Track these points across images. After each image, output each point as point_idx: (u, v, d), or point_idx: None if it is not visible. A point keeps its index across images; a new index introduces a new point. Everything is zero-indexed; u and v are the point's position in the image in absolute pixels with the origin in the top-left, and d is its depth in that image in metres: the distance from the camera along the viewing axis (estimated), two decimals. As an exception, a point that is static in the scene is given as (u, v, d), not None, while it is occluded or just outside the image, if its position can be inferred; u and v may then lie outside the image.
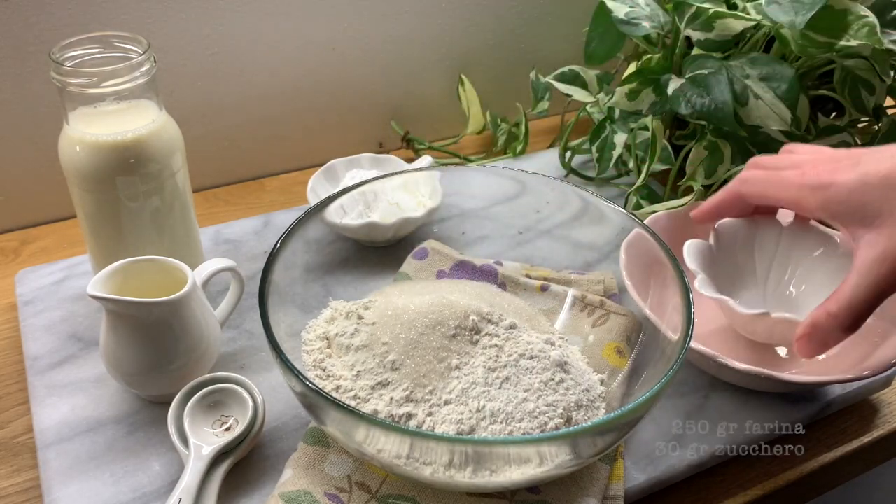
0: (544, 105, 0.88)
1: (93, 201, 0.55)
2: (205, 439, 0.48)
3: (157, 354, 0.50)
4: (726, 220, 0.61)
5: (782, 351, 0.59)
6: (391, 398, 0.46)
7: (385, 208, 0.63)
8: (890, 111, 0.72)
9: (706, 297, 0.55)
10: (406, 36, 0.86)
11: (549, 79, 0.84)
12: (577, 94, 0.83)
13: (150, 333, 0.50)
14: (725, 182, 0.74)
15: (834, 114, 0.78)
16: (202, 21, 0.74)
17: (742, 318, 0.55)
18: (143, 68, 0.53)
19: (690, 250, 0.58)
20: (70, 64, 0.52)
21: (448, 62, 0.90)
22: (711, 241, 0.60)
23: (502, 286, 0.61)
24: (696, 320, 0.47)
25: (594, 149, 0.78)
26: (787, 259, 0.61)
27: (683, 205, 0.66)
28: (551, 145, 0.91)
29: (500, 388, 0.46)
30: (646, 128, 0.70)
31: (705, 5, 0.67)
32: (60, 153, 0.54)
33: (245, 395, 0.50)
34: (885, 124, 0.71)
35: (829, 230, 0.60)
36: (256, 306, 0.46)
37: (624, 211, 0.55)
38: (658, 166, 0.75)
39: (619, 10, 0.71)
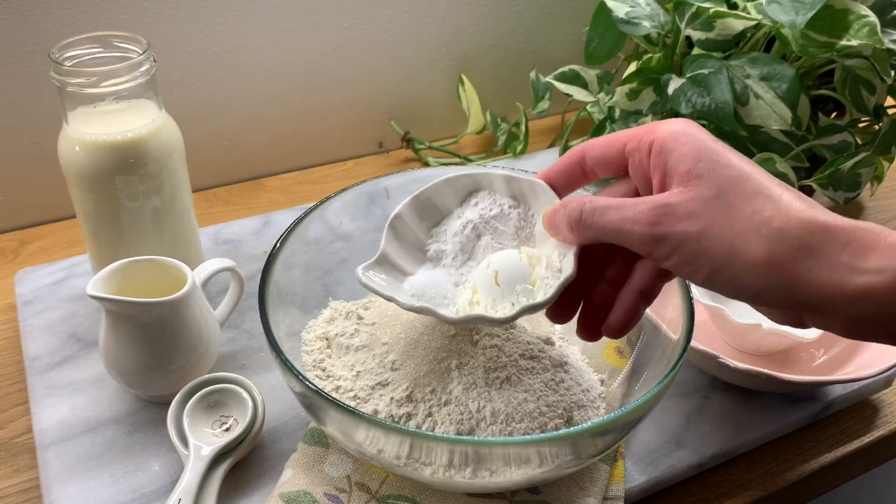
0: (544, 105, 0.88)
1: (92, 201, 0.55)
2: (204, 439, 0.48)
3: (156, 354, 0.50)
4: None
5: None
6: (391, 398, 0.46)
7: (481, 273, 0.43)
8: (890, 111, 0.72)
9: (701, 303, 0.55)
10: (406, 36, 0.86)
11: (549, 78, 0.84)
12: (578, 93, 0.83)
13: (150, 333, 0.50)
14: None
15: (835, 113, 0.78)
16: (202, 21, 0.74)
17: (734, 327, 0.55)
18: (143, 68, 0.53)
19: None
20: (70, 64, 0.52)
21: (448, 62, 0.90)
22: None
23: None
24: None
25: (594, 149, 0.78)
26: None
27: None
28: (551, 145, 0.91)
29: (499, 388, 0.46)
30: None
31: (706, 5, 0.67)
32: (60, 153, 0.54)
33: (245, 395, 0.50)
34: (885, 124, 0.70)
35: None
36: (256, 306, 0.46)
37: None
38: (658, 166, 0.75)
39: (620, 10, 0.71)
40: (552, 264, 0.41)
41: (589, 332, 0.41)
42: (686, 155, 0.34)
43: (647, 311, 0.52)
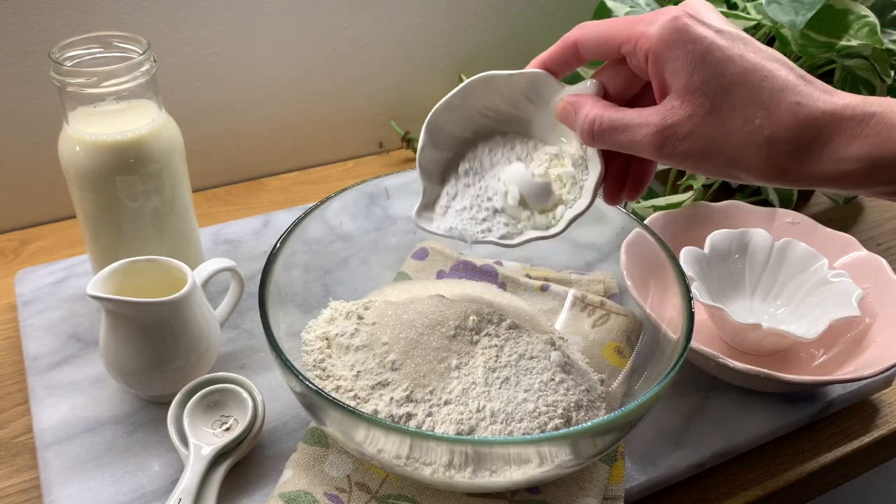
0: (544, 105, 0.88)
1: (93, 201, 0.55)
2: (205, 439, 0.48)
3: (156, 354, 0.50)
4: (721, 231, 0.62)
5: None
6: (391, 398, 0.46)
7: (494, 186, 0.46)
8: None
9: (700, 303, 0.55)
10: (406, 36, 0.86)
11: (549, 79, 0.84)
12: (578, 93, 0.83)
13: (150, 333, 0.50)
14: (725, 182, 0.74)
15: (834, 114, 0.78)
16: (202, 21, 0.74)
17: (734, 327, 0.55)
18: (143, 68, 0.53)
19: (686, 257, 0.59)
20: (70, 64, 0.52)
21: (448, 62, 0.90)
22: (706, 249, 0.61)
23: (502, 286, 0.61)
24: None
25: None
26: (776, 274, 0.62)
27: (682, 202, 0.66)
28: (551, 145, 0.91)
29: (500, 388, 0.46)
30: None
31: (705, 5, 0.67)
32: (60, 153, 0.54)
33: (245, 395, 0.50)
34: (885, 124, 0.70)
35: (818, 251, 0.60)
36: (256, 306, 0.46)
37: (624, 211, 0.55)
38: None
39: (620, 10, 0.71)
40: (576, 159, 0.44)
41: (612, 196, 0.45)
42: (680, 69, 0.36)
43: (647, 310, 0.52)
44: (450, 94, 0.46)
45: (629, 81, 0.41)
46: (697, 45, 0.36)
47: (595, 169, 0.43)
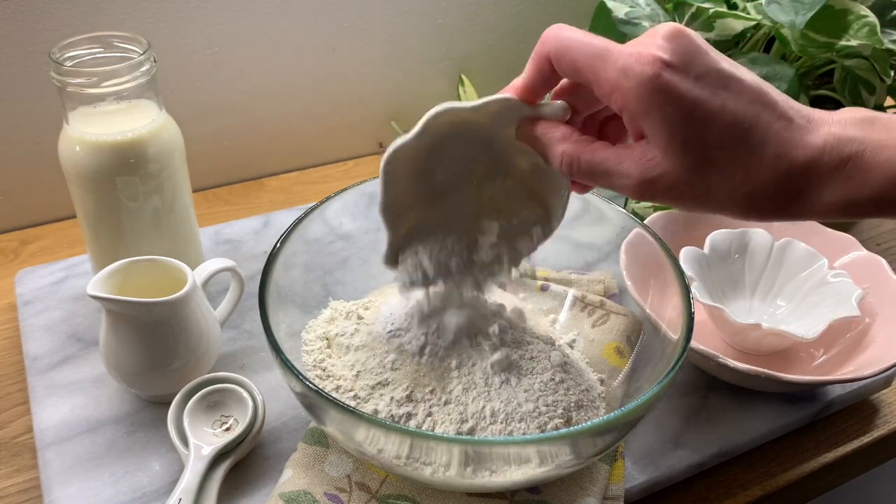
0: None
1: (93, 201, 0.55)
2: (205, 439, 0.48)
3: (157, 354, 0.50)
4: (721, 231, 0.62)
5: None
6: (391, 398, 0.46)
7: None
8: (890, 111, 0.72)
9: (700, 303, 0.55)
10: (406, 36, 0.86)
11: (549, 79, 0.84)
12: (578, 93, 0.83)
13: (150, 333, 0.50)
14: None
15: (834, 114, 0.78)
16: (202, 21, 0.74)
17: (734, 327, 0.55)
18: (143, 68, 0.53)
19: (686, 257, 0.59)
20: (70, 64, 0.52)
21: (448, 62, 0.90)
22: (706, 249, 0.61)
23: (502, 286, 0.60)
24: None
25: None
26: (776, 274, 0.62)
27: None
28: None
29: (499, 388, 0.46)
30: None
31: (705, 5, 0.67)
32: (60, 153, 0.54)
33: (245, 395, 0.50)
34: (885, 124, 0.70)
35: (818, 252, 0.60)
36: (256, 306, 0.46)
37: (624, 211, 0.55)
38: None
39: (620, 10, 0.71)
40: (528, 176, 0.44)
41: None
42: (659, 130, 0.35)
43: (647, 310, 0.52)
44: (409, 135, 0.42)
45: (598, 101, 0.40)
46: (679, 106, 0.35)
47: (561, 185, 0.43)
